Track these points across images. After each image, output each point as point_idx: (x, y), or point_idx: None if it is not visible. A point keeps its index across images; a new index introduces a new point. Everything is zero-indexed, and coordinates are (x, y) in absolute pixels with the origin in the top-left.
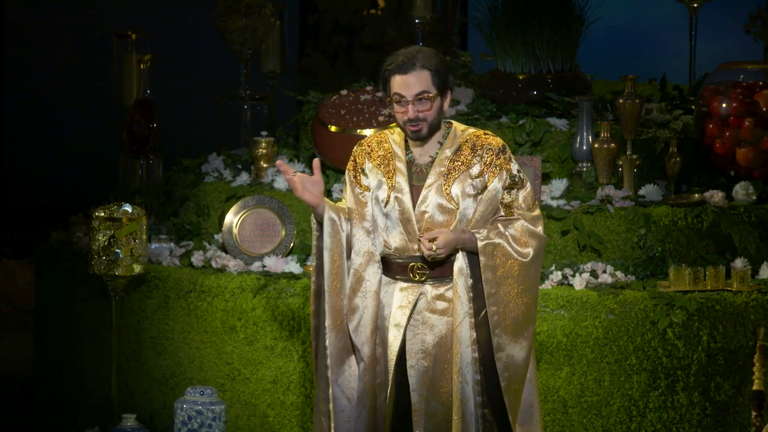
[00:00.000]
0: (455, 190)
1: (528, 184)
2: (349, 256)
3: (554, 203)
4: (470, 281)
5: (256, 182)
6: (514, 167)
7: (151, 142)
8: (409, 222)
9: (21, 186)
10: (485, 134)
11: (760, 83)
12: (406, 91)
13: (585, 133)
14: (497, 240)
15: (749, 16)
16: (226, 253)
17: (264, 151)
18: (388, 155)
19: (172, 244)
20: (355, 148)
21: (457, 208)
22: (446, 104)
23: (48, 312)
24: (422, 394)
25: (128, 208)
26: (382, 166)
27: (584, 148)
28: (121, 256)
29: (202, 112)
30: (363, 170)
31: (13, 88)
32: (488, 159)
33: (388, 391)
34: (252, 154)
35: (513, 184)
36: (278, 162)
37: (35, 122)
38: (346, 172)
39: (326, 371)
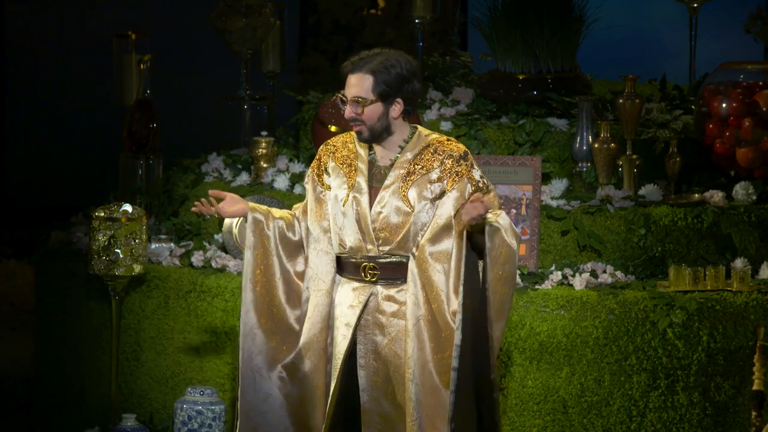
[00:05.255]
0: (412, 193)
1: (492, 189)
2: (280, 258)
3: (554, 203)
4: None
5: (256, 182)
6: (476, 174)
7: (151, 142)
8: (365, 222)
9: (21, 186)
10: (448, 140)
11: (760, 83)
12: (347, 91)
13: (585, 133)
14: (500, 223)
15: (749, 16)
16: (226, 253)
17: (264, 151)
18: (351, 155)
19: (172, 244)
20: (320, 147)
21: (412, 211)
22: (394, 111)
23: (48, 312)
24: (372, 394)
25: (128, 208)
26: (344, 165)
27: (584, 148)
28: (121, 256)
29: (202, 112)
30: (326, 169)
31: (13, 88)
32: (448, 165)
33: (332, 390)
34: (252, 154)
35: (478, 191)
36: (197, 205)
37: (35, 122)
38: (310, 170)
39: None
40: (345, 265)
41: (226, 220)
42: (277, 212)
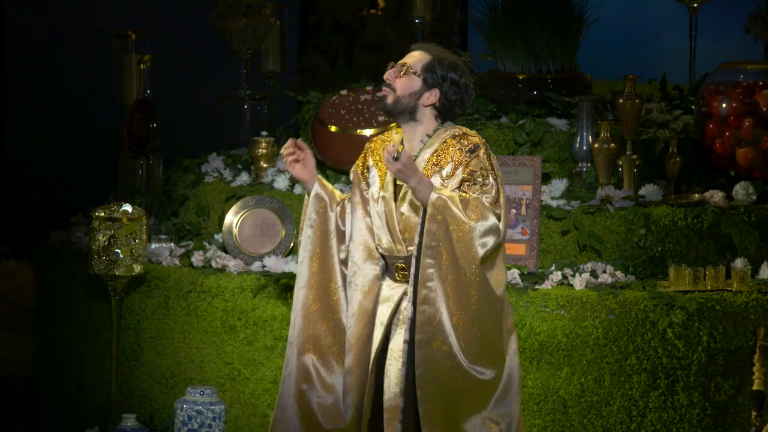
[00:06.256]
0: None
1: (493, 187)
2: (337, 238)
3: (554, 203)
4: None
5: (256, 182)
6: (477, 165)
7: (151, 142)
8: (392, 223)
9: (21, 186)
10: (464, 133)
11: (760, 83)
12: (403, 59)
13: (585, 133)
14: (448, 197)
15: (749, 16)
16: (226, 253)
17: (264, 151)
18: None
19: (172, 244)
20: (366, 145)
21: None
22: (427, 99)
23: (48, 312)
24: (394, 391)
25: (128, 208)
26: (380, 164)
27: (584, 148)
28: (121, 256)
29: (202, 112)
30: (368, 167)
31: (13, 88)
32: (458, 157)
33: (367, 388)
34: (252, 154)
35: (472, 180)
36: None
37: (35, 122)
38: (354, 169)
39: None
40: (387, 265)
41: (227, 219)
42: (338, 195)
